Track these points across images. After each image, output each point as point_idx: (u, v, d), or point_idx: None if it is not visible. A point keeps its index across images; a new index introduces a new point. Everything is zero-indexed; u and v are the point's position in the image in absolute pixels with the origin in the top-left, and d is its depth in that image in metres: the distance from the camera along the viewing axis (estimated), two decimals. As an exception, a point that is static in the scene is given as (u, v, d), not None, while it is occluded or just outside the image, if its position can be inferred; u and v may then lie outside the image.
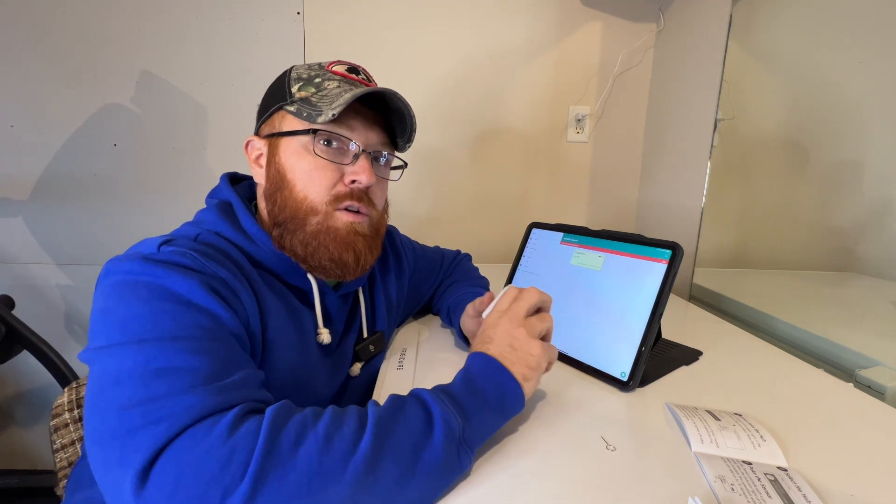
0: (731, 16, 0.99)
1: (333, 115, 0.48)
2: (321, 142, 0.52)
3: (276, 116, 0.54)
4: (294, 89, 0.53)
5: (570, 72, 1.28)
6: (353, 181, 0.53)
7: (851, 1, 0.84)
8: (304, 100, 0.52)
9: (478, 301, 0.62)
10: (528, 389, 0.45)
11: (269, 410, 0.36)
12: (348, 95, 0.50)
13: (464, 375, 0.45)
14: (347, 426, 0.37)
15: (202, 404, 0.35)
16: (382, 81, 0.58)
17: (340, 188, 0.53)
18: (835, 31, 0.87)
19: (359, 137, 0.53)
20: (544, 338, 0.50)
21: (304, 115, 0.51)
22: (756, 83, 1.00)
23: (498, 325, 0.48)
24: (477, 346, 0.48)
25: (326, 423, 0.36)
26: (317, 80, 0.54)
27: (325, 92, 0.53)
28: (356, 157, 0.53)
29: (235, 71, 1.21)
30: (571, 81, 1.29)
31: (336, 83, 0.53)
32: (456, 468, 0.39)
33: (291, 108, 0.52)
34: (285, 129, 0.53)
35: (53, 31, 1.16)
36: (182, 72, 1.21)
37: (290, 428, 0.35)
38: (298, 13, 1.20)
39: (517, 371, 0.45)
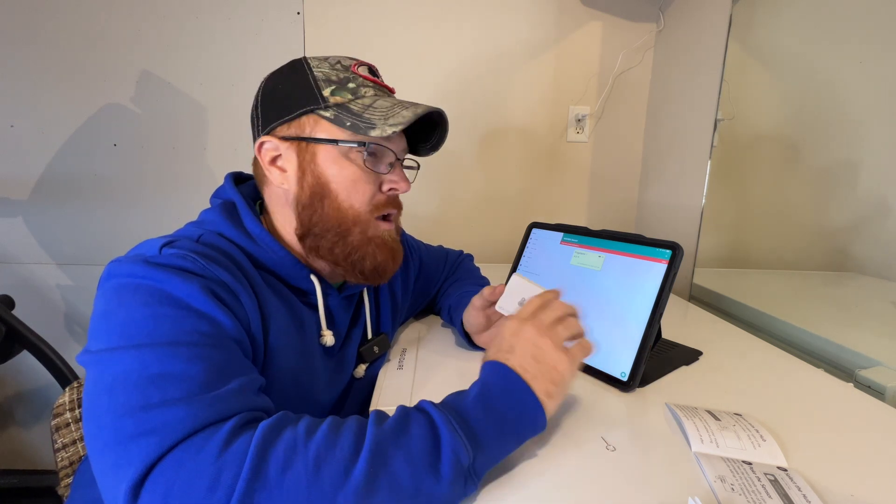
0: (731, 16, 0.99)
1: (394, 132, 0.48)
2: (366, 153, 0.52)
3: (306, 120, 0.52)
4: (326, 93, 0.51)
5: (570, 72, 1.28)
6: (391, 189, 0.54)
7: (851, 1, 0.84)
8: (341, 106, 0.51)
9: (487, 291, 0.61)
10: (550, 408, 0.41)
11: (260, 427, 0.35)
12: (408, 114, 0.50)
13: (479, 391, 0.41)
14: (340, 449, 0.34)
15: (195, 417, 0.34)
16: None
17: (380, 197, 0.54)
18: (835, 31, 0.87)
19: (395, 147, 0.55)
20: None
21: (348, 123, 0.50)
22: (756, 83, 1.00)
23: (520, 333, 0.44)
24: (494, 355, 0.44)
25: (318, 444, 0.34)
26: (350, 84, 0.52)
27: (365, 101, 0.52)
28: (391, 165, 0.54)
29: (235, 71, 1.21)
30: (571, 81, 1.29)
31: (372, 91, 0.53)
32: (460, 497, 0.37)
33: (326, 114, 0.51)
34: (321, 135, 0.51)
35: (53, 32, 1.16)
36: (182, 72, 1.21)
37: (279, 449, 0.33)
38: (298, 13, 1.20)
39: (539, 387, 0.41)
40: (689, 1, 1.15)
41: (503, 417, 0.39)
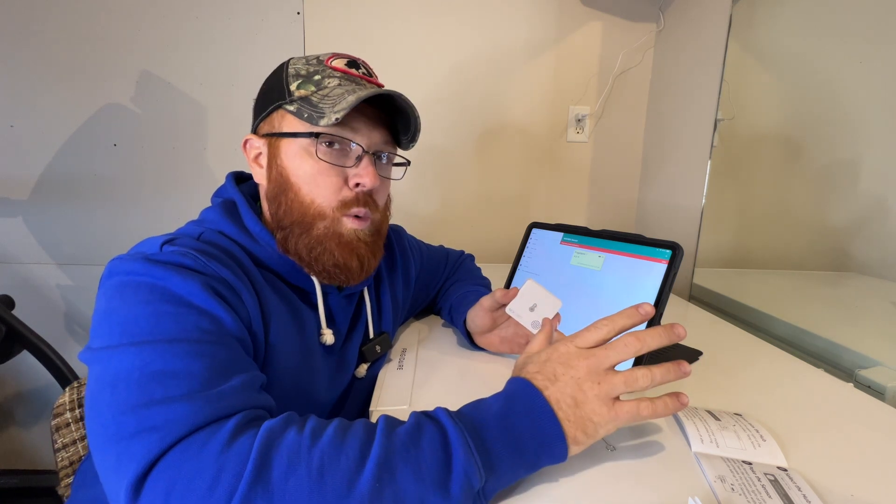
0: (731, 16, 0.99)
1: (337, 119, 0.47)
2: (323, 144, 0.51)
3: (275, 115, 0.53)
4: (293, 87, 0.51)
5: (570, 72, 1.28)
6: (358, 184, 0.52)
7: (852, 1, 0.84)
8: (303, 99, 0.51)
9: (499, 293, 0.60)
10: (573, 452, 0.38)
11: (263, 427, 0.34)
12: (352, 98, 0.48)
13: (503, 411, 0.38)
14: (346, 456, 0.33)
15: (197, 414, 0.34)
16: (383, 82, 0.58)
17: (346, 193, 0.52)
18: (835, 31, 0.87)
19: (362, 139, 0.52)
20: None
21: (305, 115, 0.50)
22: (756, 83, 1.00)
23: (570, 366, 0.40)
24: (532, 375, 0.40)
25: (323, 450, 0.33)
26: (316, 77, 0.52)
27: (326, 91, 0.51)
28: (359, 158, 0.52)
29: (235, 71, 1.21)
30: (571, 81, 1.29)
31: (337, 80, 0.52)
32: None
33: (291, 108, 0.51)
34: (285, 129, 0.52)
35: (53, 32, 1.16)
36: (182, 72, 1.21)
37: (283, 454, 0.33)
38: (298, 13, 1.20)
39: (570, 430, 0.38)
40: (689, 1, 1.15)
41: (522, 446, 0.37)
